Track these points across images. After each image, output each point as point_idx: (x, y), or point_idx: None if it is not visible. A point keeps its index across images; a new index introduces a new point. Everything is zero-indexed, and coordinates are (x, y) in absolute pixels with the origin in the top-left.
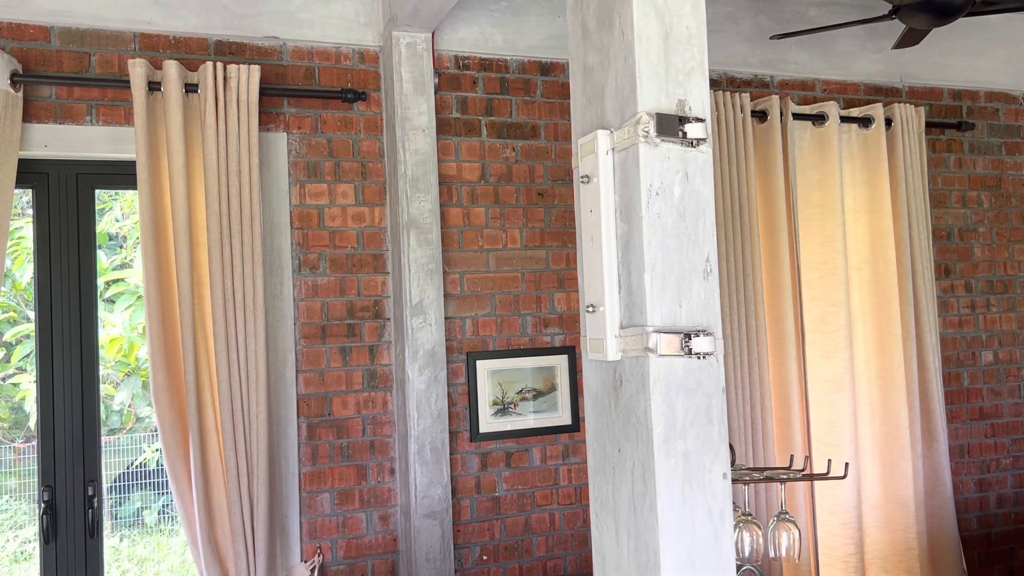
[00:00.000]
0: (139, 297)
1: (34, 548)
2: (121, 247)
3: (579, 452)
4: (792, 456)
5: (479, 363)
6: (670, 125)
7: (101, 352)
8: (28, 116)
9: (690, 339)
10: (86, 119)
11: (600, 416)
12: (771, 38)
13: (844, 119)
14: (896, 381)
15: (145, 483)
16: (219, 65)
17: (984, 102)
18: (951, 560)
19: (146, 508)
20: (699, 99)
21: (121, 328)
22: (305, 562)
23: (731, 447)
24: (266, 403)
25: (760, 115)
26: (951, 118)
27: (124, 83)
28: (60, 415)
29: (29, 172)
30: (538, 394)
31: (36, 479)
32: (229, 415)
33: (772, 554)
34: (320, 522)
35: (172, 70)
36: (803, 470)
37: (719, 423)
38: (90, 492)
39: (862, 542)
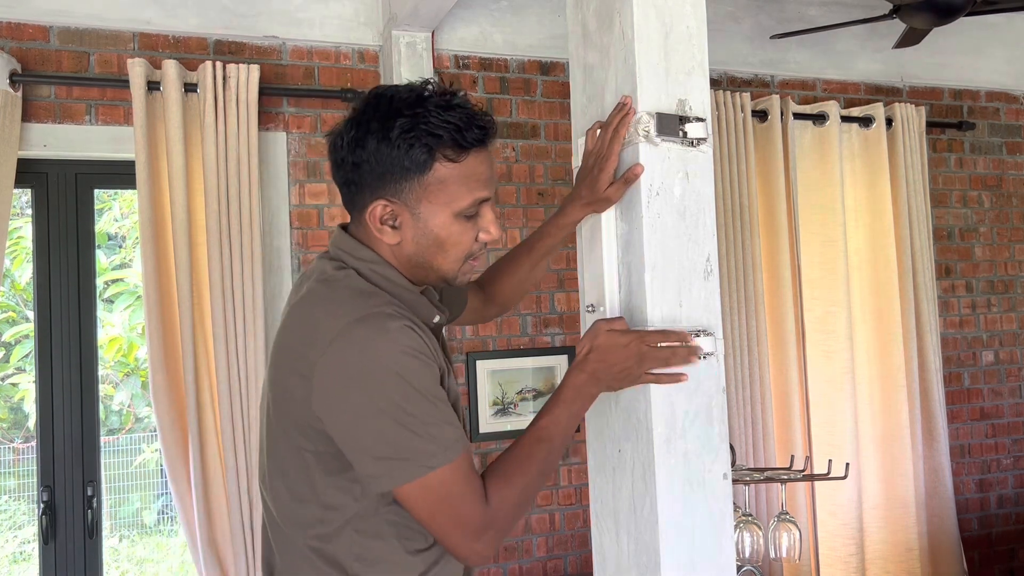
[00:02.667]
0: (138, 297)
1: (33, 548)
2: (120, 247)
3: (579, 452)
4: (792, 456)
5: (479, 363)
6: (670, 125)
7: (100, 352)
8: (27, 116)
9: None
10: (85, 119)
11: (600, 416)
12: (771, 37)
13: (844, 119)
14: (897, 381)
15: (144, 483)
16: (218, 65)
17: (984, 102)
18: (951, 560)
19: (145, 508)
20: (699, 99)
21: (120, 328)
22: None
23: (731, 447)
24: None
25: (760, 115)
26: (951, 118)
27: (123, 83)
28: (59, 415)
29: (28, 172)
30: (538, 394)
31: (35, 479)
32: (228, 415)
33: (772, 554)
34: None
35: (171, 70)
36: (803, 470)
37: (719, 423)
38: (89, 492)
39: (862, 542)
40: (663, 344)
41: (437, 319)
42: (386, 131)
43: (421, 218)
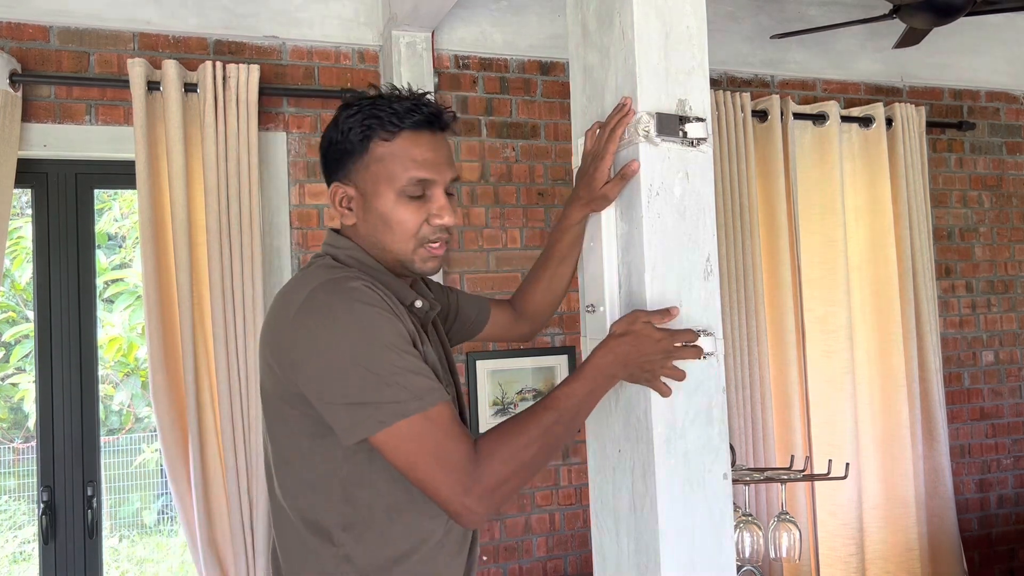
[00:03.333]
0: (138, 297)
1: (33, 548)
2: (120, 247)
3: (579, 452)
4: (792, 456)
5: (479, 363)
6: (670, 125)
7: (100, 352)
8: (27, 116)
9: None
10: (85, 119)
11: (600, 416)
12: (771, 37)
13: (844, 119)
14: (897, 381)
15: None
16: (218, 65)
17: (984, 102)
18: (951, 560)
19: (145, 508)
20: (699, 99)
21: (120, 328)
22: None
23: (731, 447)
24: None
25: (760, 115)
26: (951, 118)
27: (123, 83)
28: (59, 415)
29: (28, 172)
30: (538, 394)
31: (35, 479)
32: (228, 415)
33: (772, 554)
34: None
35: (171, 70)
36: (803, 470)
37: (719, 423)
38: (89, 492)
39: (862, 542)
40: (685, 343)
41: (419, 304)
42: (336, 121)
43: (367, 196)
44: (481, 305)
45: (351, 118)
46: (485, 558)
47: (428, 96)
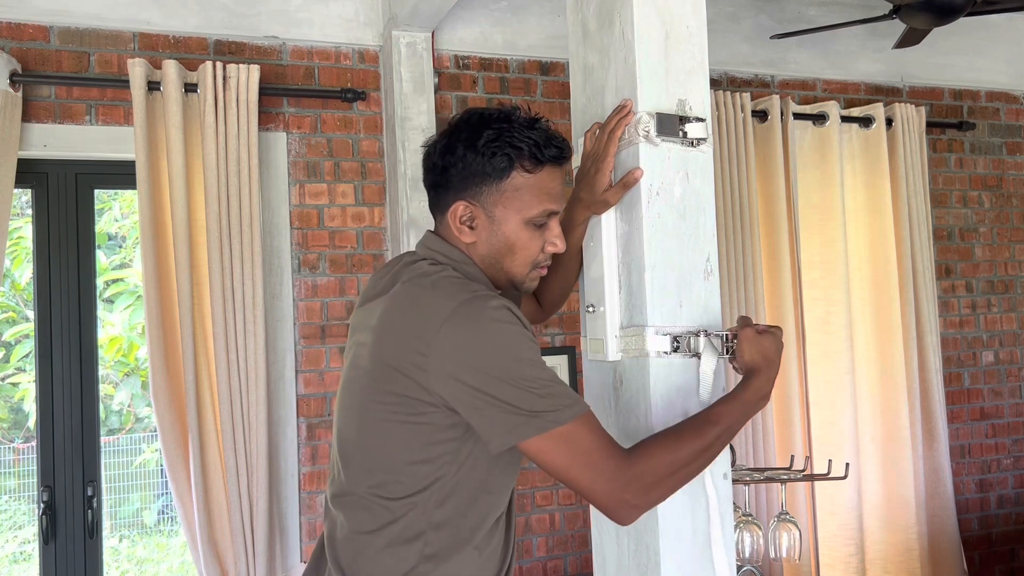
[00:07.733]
0: (138, 297)
1: (33, 549)
2: (120, 247)
3: None
4: (792, 456)
5: None
6: (670, 125)
7: (100, 352)
8: (27, 116)
9: None
10: (85, 119)
11: (600, 416)
12: (772, 38)
13: (845, 119)
14: (897, 381)
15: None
16: (219, 65)
17: (985, 102)
18: (952, 561)
19: (145, 508)
20: (699, 99)
21: (120, 328)
22: (305, 563)
23: (731, 447)
24: (265, 403)
25: (760, 115)
26: (952, 118)
27: (123, 83)
28: (59, 415)
29: (28, 172)
30: None
31: (35, 479)
32: (228, 415)
33: (772, 555)
34: (320, 523)
35: (171, 70)
36: (803, 470)
37: None
38: (89, 492)
39: (863, 542)
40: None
41: None
42: (474, 140)
43: (496, 221)
44: (516, 298)
45: (493, 143)
46: None
47: (547, 121)
